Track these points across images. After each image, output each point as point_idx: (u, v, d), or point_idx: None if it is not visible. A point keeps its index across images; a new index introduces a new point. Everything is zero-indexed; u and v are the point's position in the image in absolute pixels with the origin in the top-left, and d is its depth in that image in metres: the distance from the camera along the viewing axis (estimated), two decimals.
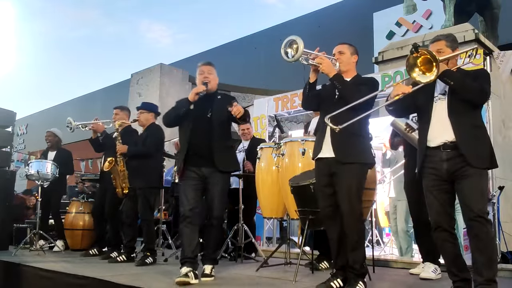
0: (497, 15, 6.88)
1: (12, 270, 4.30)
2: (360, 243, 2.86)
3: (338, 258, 2.91)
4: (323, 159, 2.92)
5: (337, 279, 2.83)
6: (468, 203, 2.49)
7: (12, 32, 53.66)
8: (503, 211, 4.77)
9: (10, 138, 6.31)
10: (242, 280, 3.34)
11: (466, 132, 2.54)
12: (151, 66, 11.98)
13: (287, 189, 3.64)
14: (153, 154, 4.52)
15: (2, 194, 5.78)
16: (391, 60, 6.26)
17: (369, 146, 3.02)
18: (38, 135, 7.03)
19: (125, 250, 4.54)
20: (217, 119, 3.46)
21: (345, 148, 2.83)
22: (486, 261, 2.45)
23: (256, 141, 5.10)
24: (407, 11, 7.33)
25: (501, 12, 6.98)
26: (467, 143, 2.51)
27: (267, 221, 6.17)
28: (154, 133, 4.60)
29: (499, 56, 5.45)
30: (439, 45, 2.71)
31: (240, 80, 12.61)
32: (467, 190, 2.50)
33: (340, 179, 2.81)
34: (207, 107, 3.49)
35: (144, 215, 4.43)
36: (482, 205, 2.49)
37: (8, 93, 47.73)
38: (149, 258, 4.25)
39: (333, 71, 2.89)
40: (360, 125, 2.85)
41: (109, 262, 4.43)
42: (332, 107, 2.86)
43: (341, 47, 3.07)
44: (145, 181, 4.41)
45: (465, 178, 2.50)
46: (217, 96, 3.61)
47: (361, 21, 13.15)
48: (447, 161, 2.55)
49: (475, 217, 2.45)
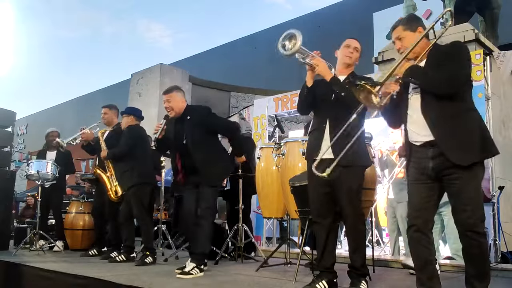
0: (497, 15, 6.88)
1: (12, 270, 4.30)
2: (363, 244, 2.85)
3: (323, 260, 2.86)
4: (321, 159, 2.86)
5: (322, 281, 2.77)
6: (458, 216, 2.24)
7: (12, 32, 53.65)
8: (503, 211, 4.77)
9: (10, 138, 6.31)
10: (242, 280, 3.33)
11: (443, 127, 2.26)
12: (151, 66, 11.99)
13: (287, 189, 3.64)
14: (130, 153, 4.48)
15: (2, 194, 5.78)
16: (391, 60, 6.25)
17: (366, 147, 2.98)
18: (38, 135, 7.02)
19: (124, 250, 4.54)
20: (192, 142, 3.66)
21: (345, 151, 2.77)
22: (478, 274, 2.23)
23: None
24: (407, 11, 7.32)
25: (501, 12, 6.98)
26: (446, 140, 2.24)
27: (267, 221, 6.17)
28: (127, 132, 4.61)
29: (499, 56, 5.45)
30: (397, 32, 2.54)
31: (240, 80, 12.61)
32: (456, 200, 2.24)
33: (340, 182, 2.75)
34: (181, 133, 3.72)
35: (138, 214, 4.41)
36: (474, 218, 2.19)
37: (8, 93, 47.76)
38: (149, 258, 4.25)
39: (330, 74, 2.84)
40: (358, 127, 2.80)
41: (109, 262, 4.42)
42: (331, 108, 2.85)
43: (357, 43, 3.03)
44: (132, 180, 4.42)
45: (453, 184, 2.24)
46: (187, 116, 3.76)
47: (361, 21, 13.15)
48: (432, 159, 2.29)
49: (465, 231, 2.21)
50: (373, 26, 13.07)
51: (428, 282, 2.27)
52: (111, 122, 5.05)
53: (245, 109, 9.14)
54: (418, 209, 2.34)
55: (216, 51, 18.89)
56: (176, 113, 3.74)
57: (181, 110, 3.75)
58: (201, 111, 3.84)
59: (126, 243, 4.56)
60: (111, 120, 5.06)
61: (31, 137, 20.46)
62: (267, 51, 15.98)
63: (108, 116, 5.06)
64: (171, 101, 3.72)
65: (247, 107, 8.95)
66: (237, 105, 12.28)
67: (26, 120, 22.01)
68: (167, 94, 3.75)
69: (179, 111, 3.75)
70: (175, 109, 3.73)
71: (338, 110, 2.79)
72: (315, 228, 2.96)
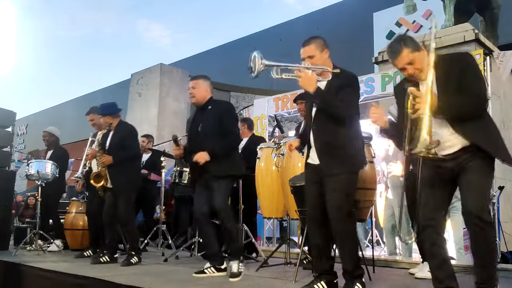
0: (497, 15, 6.88)
1: (12, 270, 4.30)
2: (351, 247, 2.77)
3: (321, 263, 2.86)
4: (311, 164, 2.87)
5: (321, 281, 2.78)
6: (466, 202, 2.28)
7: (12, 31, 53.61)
8: (503, 211, 4.77)
9: (10, 138, 6.31)
10: (242, 280, 3.34)
11: (481, 135, 2.31)
12: (151, 66, 11.98)
13: (287, 189, 3.65)
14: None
15: (2, 194, 5.78)
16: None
17: (359, 149, 2.86)
18: (38, 135, 7.01)
19: (108, 250, 4.43)
20: (205, 132, 3.59)
21: (331, 159, 2.74)
22: (483, 264, 2.31)
23: (255, 139, 5.09)
24: (407, 11, 7.33)
25: (501, 12, 6.98)
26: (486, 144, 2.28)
27: (267, 221, 6.17)
28: (130, 133, 4.56)
29: (499, 56, 5.45)
30: (405, 58, 2.37)
31: (240, 80, 12.59)
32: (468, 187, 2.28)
33: (327, 189, 2.73)
34: (199, 121, 3.67)
35: (124, 217, 4.34)
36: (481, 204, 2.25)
37: (8, 93, 47.76)
38: (134, 258, 4.22)
39: (312, 86, 2.70)
40: (346, 131, 2.75)
41: (91, 263, 4.26)
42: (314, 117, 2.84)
43: (307, 50, 2.82)
44: (124, 183, 4.37)
45: (467, 171, 2.28)
46: (208, 106, 3.71)
47: (361, 21, 13.14)
48: (450, 161, 2.33)
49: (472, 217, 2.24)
50: (373, 26, 13.06)
51: (446, 280, 2.32)
52: (101, 125, 4.95)
53: (245, 109, 9.13)
54: (433, 211, 2.37)
55: (216, 51, 18.87)
56: (197, 100, 3.71)
57: (204, 99, 3.72)
58: (223, 105, 3.81)
59: (109, 244, 4.46)
60: (100, 123, 4.95)
61: (31, 137, 20.43)
62: (267, 51, 15.92)
63: (96, 121, 5.02)
64: (195, 88, 3.70)
65: (247, 107, 8.94)
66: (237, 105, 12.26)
67: (26, 120, 21.98)
68: (194, 80, 3.74)
69: (201, 100, 3.71)
70: (197, 96, 3.70)
71: (319, 119, 2.79)
72: (310, 233, 2.95)
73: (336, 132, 2.74)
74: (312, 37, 2.89)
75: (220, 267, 3.52)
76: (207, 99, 3.72)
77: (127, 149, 4.48)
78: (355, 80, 2.88)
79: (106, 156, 4.43)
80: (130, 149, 4.50)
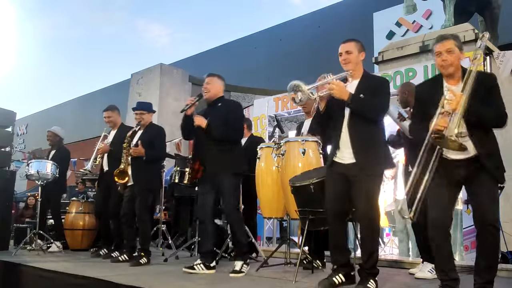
0: (497, 15, 6.89)
1: (12, 270, 4.30)
2: (376, 247, 2.92)
3: (340, 256, 2.94)
4: (339, 163, 2.91)
5: (339, 274, 2.88)
6: (483, 211, 2.54)
7: (12, 32, 53.67)
8: (503, 211, 4.74)
9: (10, 138, 6.31)
10: (242, 280, 3.34)
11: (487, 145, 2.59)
12: (151, 66, 11.99)
13: (287, 189, 3.64)
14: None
15: (2, 194, 5.78)
16: (391, 60, 6.26)
17: (389, 150, 3.08)
18: (38, 135, 7.04)
19: (127, 250, 4.50)
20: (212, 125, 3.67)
21: (368, 157, 2.83)
22: (488, 266, 2.53)
23: (254, 139, 5.09)
24: (407, 11, 7.34)
25: (501, 12, 6.99)
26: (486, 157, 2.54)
27: (267, 221, 6.17)
28: (160, 135, 4.61)
29: (499, 56, 5.45)
30: (448, 44, 2.57)
31: (240, 80, 12.60)
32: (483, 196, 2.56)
33: (360, 186, 2.81)
34: (207, 116, 3.77)
35: (141, 215, 4.39)
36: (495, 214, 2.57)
37: (8, 93, 47.77)
38: (143, 259, 4.23)
39: (346, 94, 2.80)
40: (380, 131, 2.91)
41: (111, 261, 4.41)
42: (348, 118, 2.90)
43: (348, 45, 2.95)
44: (146, 182, 4.42)
45: (479, 184, 2.54)
46: (218, 103, 3.85)
47: (361, 21, 13.15)
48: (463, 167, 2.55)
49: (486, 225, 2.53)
50: (373, 26, 13.07)
51: (450, 273, 2.55)
52: (117, 123, 5.07)
53: (245, 109, 9.13)
54: (444, 210, 2.58)
55: (216, 51, 18.88)
56: (210, 96, 3.85)
57: (215, 96, 3.86)
58: (231, 103, 4.02)
59: (129, 243, 4.53)
60: (116, 122, 5.08)
61: (31, 137, 20.45)
62: (267, 51, 15.99)
63: (112, 119, 5.07)
64: (210, 84, 3.84)
65: (247, 107, 8.94)
66: None
67: (26, 120, 21.99)
68: (210, 77, 3.88)
69: (213, 96, 3.85)
70: (211, 92, 3.84)
71: (354, 119, 2.86)
72: (330, 227, 3.00)
73: (371, 132, 2.88)
74: (353, 38, 3.04)
75: (210, 265, 3.62)
76: (218, 97, 3.88)
77: (156, 149, 4.53)
78: (388, 85, 3.08)
79: (139, 147, 4.43)
80: (158, 150, 4.57)
